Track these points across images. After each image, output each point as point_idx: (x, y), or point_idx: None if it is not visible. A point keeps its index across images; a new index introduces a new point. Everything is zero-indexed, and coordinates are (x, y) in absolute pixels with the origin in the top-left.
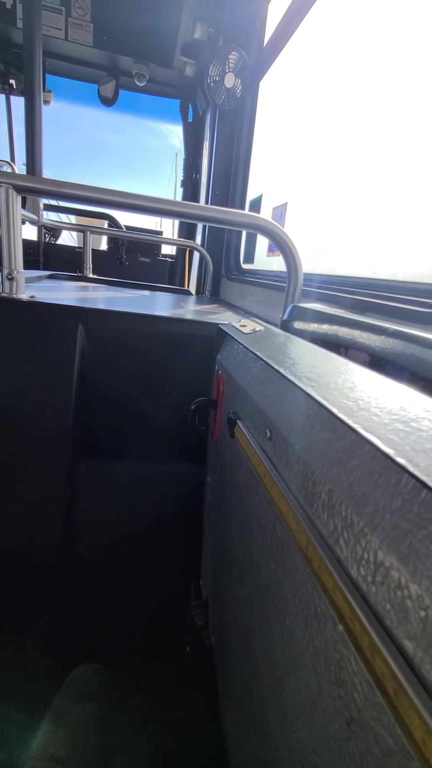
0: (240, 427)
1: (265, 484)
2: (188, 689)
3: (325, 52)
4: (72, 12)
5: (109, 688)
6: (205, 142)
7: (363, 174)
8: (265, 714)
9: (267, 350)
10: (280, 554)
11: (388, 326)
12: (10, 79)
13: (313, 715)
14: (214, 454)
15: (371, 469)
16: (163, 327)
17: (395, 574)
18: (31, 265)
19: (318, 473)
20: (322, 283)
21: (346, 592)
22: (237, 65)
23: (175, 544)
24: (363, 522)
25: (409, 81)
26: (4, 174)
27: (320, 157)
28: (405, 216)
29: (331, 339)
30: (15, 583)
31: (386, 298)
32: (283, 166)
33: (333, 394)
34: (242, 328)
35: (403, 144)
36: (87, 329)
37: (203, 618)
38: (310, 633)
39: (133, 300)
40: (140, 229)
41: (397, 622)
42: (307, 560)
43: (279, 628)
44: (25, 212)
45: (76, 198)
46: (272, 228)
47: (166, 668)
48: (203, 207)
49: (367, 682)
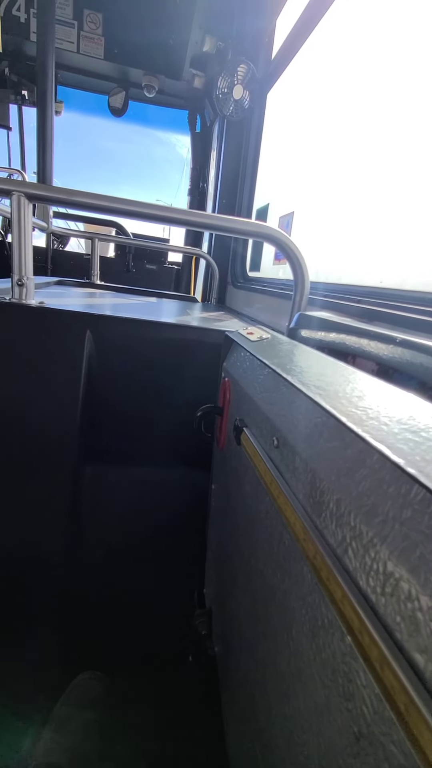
0: (246, 434)
1: (272, 492)
2: (191, 699)
3: (332, 64)
4: (84, 26)
5: (111, 696)
6: (213, 152)
7: (369, 183)
8: (269, 726)
9: (274, 358)
10: (287, 564)
11: (396, 335)
12: (23, 90)
13: (320, 729)
14: (219, 461)
15: (380, 478)
16: (169, 333)
17: (405, 586)
18: (40, 272)
19: (326, 482)
20: (329, 292)
21: (354, 603)
22: (245, 77)
23: (179, 552)
24: (372, 532)
25: (415, 91)
26: (16, 182)
27: (327, 166)
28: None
29: (339, 347)
30: (18, 589)
31: (394, 307)
32: (290, 175)
33: (341, 403)
34: (249, 335)
35: (409, 153)
36: (94, 335)
37: (207, 627)
38: (317, 644)
39: (139, 306)
40: (147, 237)
41: (407, 634)
42: (314, 570)
43: (285, 638)
44: (35, 220)
45: (85, 206)
46: (279, 236)
47: (169, 677)
48: (211, 216)
49: (377, 696)
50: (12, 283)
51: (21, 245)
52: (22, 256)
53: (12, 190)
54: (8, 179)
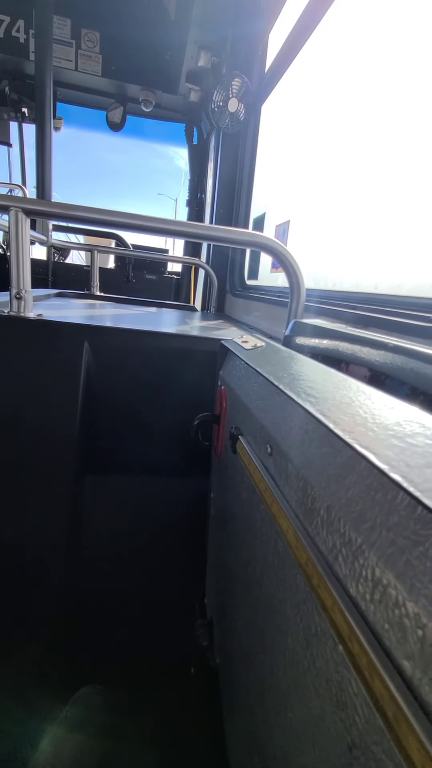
0: (242, 442)
1: (266, 500)
2: (193, 712)
3: (324, 74)
4: (82, 44)
5: (112, 710)
6: (210, 164)
7: (362, 191)
8: (268, 738)
9: (267, 366)
10: (282, 572)
11: (388, 341)
12: (23, 107)
13: (316, 740)
14: (217, 469)
15: (368, 485)
16: (167, 343)
17: (393, 592)
18: (41, 284)
19: (317, 489)
20: (325, 299)
21: (345, 611)
22: (240, 91)
23: (180, 562)
24: (361, 539)
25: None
26: (13, 198)
27: (321, 175)
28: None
29: (332, 354)
30: (18, 602)
31: (388, 313)
32: (286, 184)
33: (331, 410)
34: (244, 344)
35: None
36: (92, 346)
37: (208, 638)
38: (312, 653)
39: (138, 317)
40: (147, 248)
41: (395, 641)
42: (306, 578)
43: (281, 648)
44: (35, 233)
45: (83, 220)
46: (274, 246)
47: (171, 690)
48: (208, 227)
49: (368, 705)
50: (10, 296)
51: (19, 259)
52: (20, 270)
53: (9, 206)
54: (6, 195)
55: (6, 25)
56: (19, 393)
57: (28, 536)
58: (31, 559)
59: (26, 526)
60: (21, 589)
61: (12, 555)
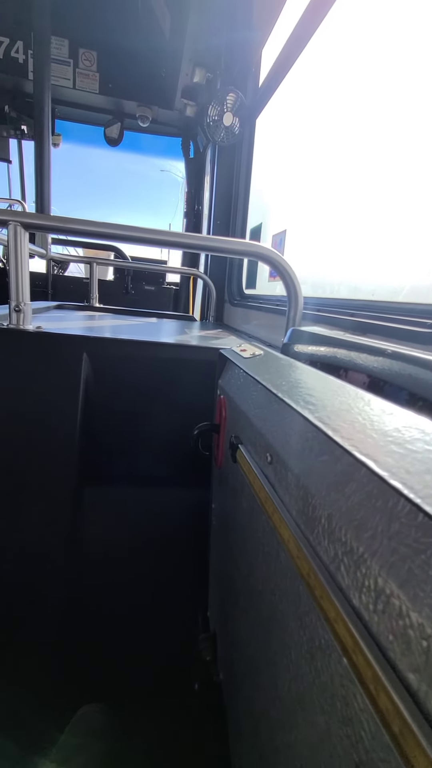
0: (242, 451)
1: (267, 509)
2: (196, 730)
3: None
4: (80, 63)
5: (114, 728)
6: (206, 177)
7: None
8: (274, 756)
9: (266, 374)
10: (284, 583)
11: (386, 347)
12: (22, 125)
13: (321, 758)
14: (218, 478)
15: (368, 492)
16: (165, 353)
17: (396, 602)
18: (40, 297)
19: (317, 497)
20: (323, 306)
21: (348, 622)
22: (234, 105)
23: (182, 574)
24: (362, 547)
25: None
26: (12, 212)
27: (316, 185)
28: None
29: (331, 361)
30: (18, 616)
31: (385, 319)
32: (282, 195)
33: (330, 417)
34: (242, 352)
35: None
36: (91, 357)
37: (211, 652)
38: (316, 667)
39: (137, 327)
40: (145, 259)
41: (400, 653)
42: (309, 588)
43: (285, 662)
44: (34, 247)
45: (81, 233)
46: (271, 255)
47: (174, 707)
48: (205, 237)
49: (373, 720)
50: (9, 309)
51: (18, 272)
52: (19, 283)
53: (8, 220)
54: (4, 210)
55: (5, 46)
56: (19, 405)
57: (26, 550)
58: (30, 573)
59: (25, 539)
60: (18, 603)
61: (10, 569)
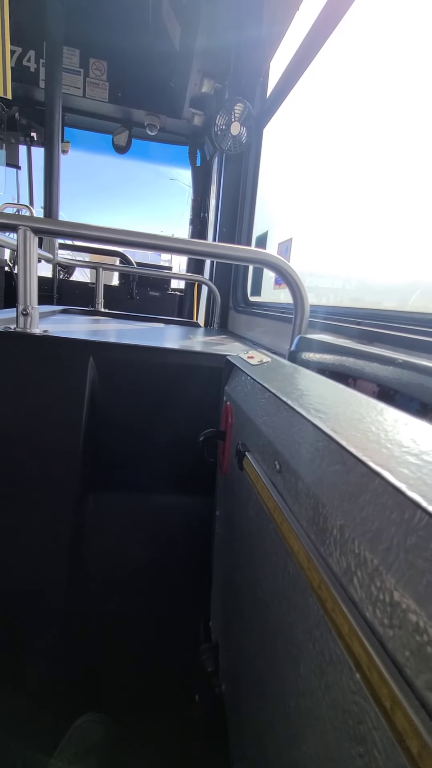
0: (249, 459)
1: (276, 518)
2: (197, 743)
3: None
4: (90, 73)
5: (113, 740)
6: (213, 185)
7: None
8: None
9: (274, 381)
10: (292, 594)
11: (396, 357)
12: (32, 132)
13: None
14: (223, 486)
15: (383, 503)
16: (171, 359)
17: (413, 617)
18: (46, 301)
19: (329, 508)
20: (329, 315)
21: (362, 637)
22: (242, 115)
23: (184, 582)
24: (377, 560)
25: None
26: (22, 217)
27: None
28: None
29: (339, 370)
30: (18, 623)
31: (393, 329)
32: (288, 204)
33: (342, 426)
34: (249, 359)
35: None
36: (97, 362)
37: (213, 663)
38: (326, 682)
39: (142, 332)
40: (150, 265)
41: (417, 671)
42: (320, 601)
43: (293, 675)
44: (42, 251)
45: (89, 238)
46: (278, 262)
47: (174, 718)
48: (213, 244)
49: (389, 739)
50: (17, 312)
51: (26, 276)
52: (27, 287)
53: (18, 225)
54: (14, 215)
55: (18, 55)
56: (24, 408)
57: (28, 555)
58: (31, 579)
59: (27, 544)
60: (20, 610)
61: (11, 574)
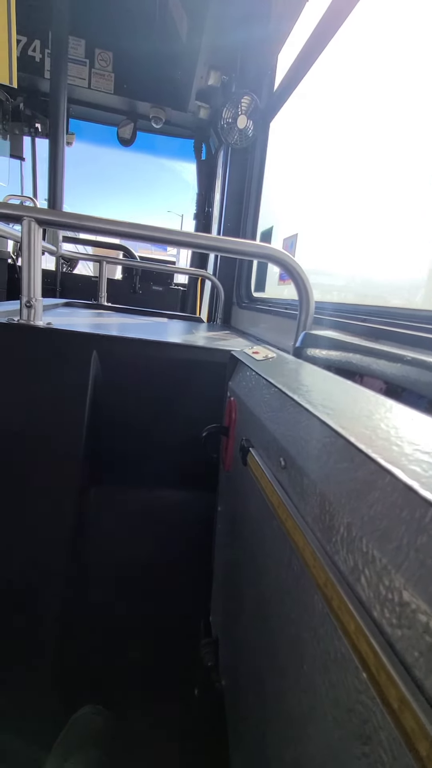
0: (253, 455)
1: (280, 515)
2: (196, 737)
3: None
4: (95, 64)
5: (112, 732)
6: (218, 179)
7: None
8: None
9: (280, 377)
10: (296, 591)
11: (404, 354)
12: (36, 123)
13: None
14: (225, 482)
15: (393, 502)
16: (175, 353)
17: (423, 618)
18: (49, 294)
19: (336, 505)
20: (334, 311)
21: (369, 636)
22: (249, 108)
23: (185, 577)
24: (386, 559)
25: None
26: (27, 208)
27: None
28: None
29: (346, 366)
30: (18, 615)
31: (400, 326)
32: (294, 199)
33: (350, 422)
34: (255, 355)
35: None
36: (101, 355)
37: (213, 658)
38: (330, 680)
39: (146, 327)
40: (154, 259)
41: (427, 672)
42: (325, 599)
43: (295, 673)
44: (46, 244)
45: (93, 230)
46: (283, 257)
47: (173, 712)
48: (218, 238)
49: (396, 740)
50: (21, 304)
51: (30, 268)
52: (32, 279)
53: (23, 216)
54: (19, 205)
55: (23, 44)
56: (27, 400)
57: (29, 547)
58: (32, 573)
59: (27, 537)
60: (21, 604)
61: (12, 567)
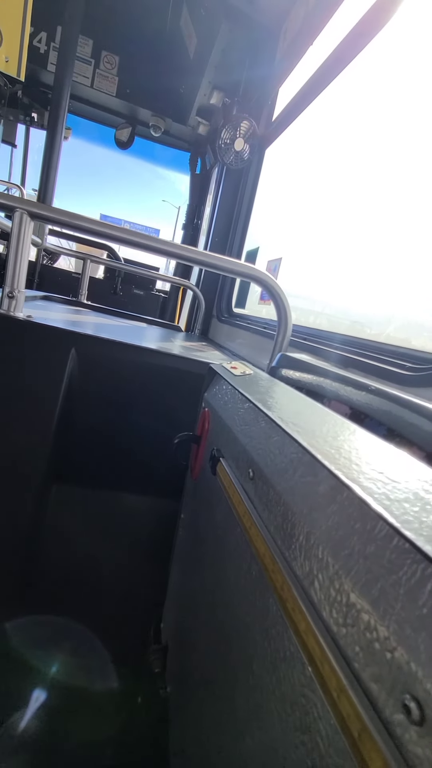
0: (223, 464)
1: (244, 523)
2: (137, 744)
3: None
4: (101, 65)
5: (53, 735)
6: (209, 194)
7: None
8: (224, 766)
9: (256, 393)
10: (253, 595)
11: (369, 383)
12: (33, 112)
13: (275, 765)
14: (191, 490)
15: (349, 514)
16: (154, 360)
17: (366, 617)
18: (26, 285)
19: (298, 515)
20: (308, 336)
21: (317, 634)
22: (247, 132)
23: (139, 583)
24: (338, 565)
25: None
26: (21, 200)
27: (316, 223)
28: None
29: (316, 389)
30: None
31: (368, 357)
32: (282, 225)
33: (317, 441)
34: (233, 369)
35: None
36: (79, 354)
37: (160, 665)
38: (278, 677)
39: (126, 330)
40: (137, 263)
41: (365, 664)
42: (281, 601)
43: (245, 673)
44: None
45: (85, 230)
46: (266, 279)
47: (116, 718)
48: (206, 253)
49: (332, 726)
50: (2, 294)
51: (17, 259)
52: (17, 270)
53: (16, 207)
54: (13, 196)
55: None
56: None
57: None
58: None
59: None
60: None
61: None
